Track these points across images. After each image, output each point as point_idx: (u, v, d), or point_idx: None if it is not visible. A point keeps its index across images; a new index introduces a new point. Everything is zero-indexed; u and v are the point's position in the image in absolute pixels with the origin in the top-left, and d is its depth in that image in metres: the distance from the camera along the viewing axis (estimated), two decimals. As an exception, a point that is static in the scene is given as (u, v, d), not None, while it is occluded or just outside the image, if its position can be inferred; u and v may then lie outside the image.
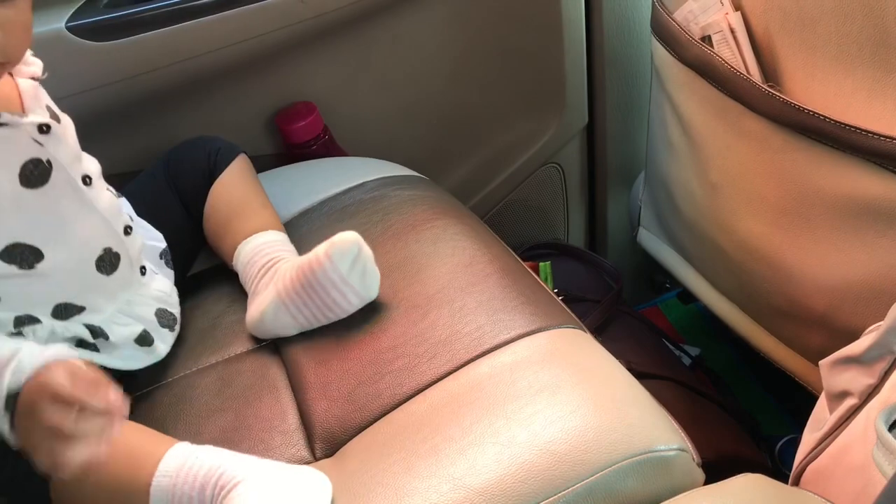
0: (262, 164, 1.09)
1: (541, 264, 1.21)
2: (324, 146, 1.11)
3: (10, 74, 0.77)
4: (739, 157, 0.92)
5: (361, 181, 1.02)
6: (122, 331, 0.83)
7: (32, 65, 0.79)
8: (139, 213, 0.92)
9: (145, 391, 0.85)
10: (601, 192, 1.33)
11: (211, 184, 0.95)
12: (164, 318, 0.88)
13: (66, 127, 0.80)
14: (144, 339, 0.85)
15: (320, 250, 0.83)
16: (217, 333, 0.88)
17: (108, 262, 0.82)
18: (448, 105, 1.21)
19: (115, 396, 0.64)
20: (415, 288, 0.85)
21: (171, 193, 0.96)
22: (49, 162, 0.76)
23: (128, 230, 0.85)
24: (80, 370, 0.65)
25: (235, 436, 0.77)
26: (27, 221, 0.76)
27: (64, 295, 0.79)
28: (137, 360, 0.85)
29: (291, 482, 0.67)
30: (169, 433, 0.75)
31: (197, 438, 0.75)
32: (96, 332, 0.81)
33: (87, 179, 0.80)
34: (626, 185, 1.30)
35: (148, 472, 0.69)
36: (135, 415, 0.82)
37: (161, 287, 0.89)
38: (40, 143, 0.75)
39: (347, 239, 0.82)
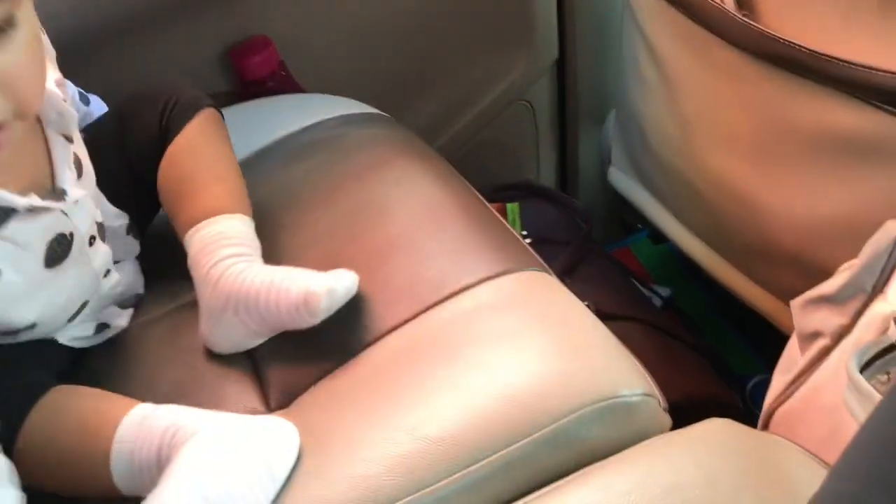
0: (216, 102, 1.04)
1: (508, 206, 1.18)
2: (280, 83, 1.07)
3: (39, 121, 0.69)
4: (712, 91, 0.89)
5: (320, 119, 0.98)
6: (75, 332, 0.79)
7: (60, 109, 0.70)
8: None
9: (103, 343, 0.82)
10: (572, 130, 1.30)
11: (164, 147, 0.81)
12: (126, 303, 0.83)
13: (87, 177, 0.74)
14: (104, 328, 0.81)
15: (299, 302, 0.70)
16: (168, 281, 0.84)
17: (78, 312, 0.77)
18: (412, 39, 1.17)
19: None
20: (376, 231, 0.82)
21: (120, 159, 0.83)
22: (71, 234, 0.70)
23: (107, 273, 0.78)
24: None
25: (187, 388, 0.74)
26: (41, 303, 0.71)
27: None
28: (97, 340, 0.81)
29: (254, 432, 0.64)
30: (119, 386, 0.73)
31: (151, 389, 0.73)
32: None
33: (92, 240, 0.74)
34: (597, 122, 1.27)
35: (106, 439, 0.66)
36: (86, 367, 0.79)
37: (127, 279, 0.82)
38: (66, 215, 0.69)
39: (334, 291, 0.71)
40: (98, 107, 0.88)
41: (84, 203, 0.72)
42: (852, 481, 0.34)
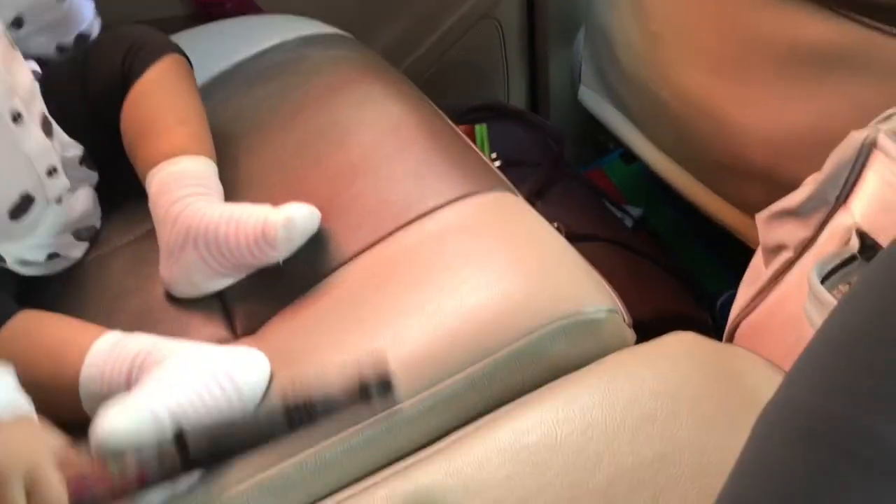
0: (172, 26, 1.00)
1: (477, 127, 1.16)
2: (239, 4, 1.04)
3: None
4: (681, 4, 0.88)
5: (280, 41, 0.95)
6: (25, 254, 0.77)
7: None
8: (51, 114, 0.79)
9: (59, 275, 0.81)
10: (542, 48, 1.27)
11: (127, 88, 0.80)
12: (81, 234, 0.81)
13: None
14: (55, 256, 0.79)
15: (257, 233, 0.69)
16: (127, 216, 0.83)
17: (21, 208, 0.74)
18: (374, -45, 1.13)
19: None
20: (338, 156, 0.81)
21: (82, 94, 0.82)
22: None
23: (52, 171, 0.75)
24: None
25: (151, 317, 0.73)
26: None
27: None
28: (47, 269, 0.79)
29: (225, 358, 0.64)
30: (84, 316, 0.72)
31: (112, 319, 0.72)
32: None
33: (17, 116, 0.71)
34: (568, 40, 1.24)
35: (75, 362, 0.66)
36: (51, 298, 0.78)
37: (82, 207, 0.81)
38: None
39: (291, 221, 0.70)
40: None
41: None
42: (804, 388, 0.34)
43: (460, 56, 1.25)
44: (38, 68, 0.83)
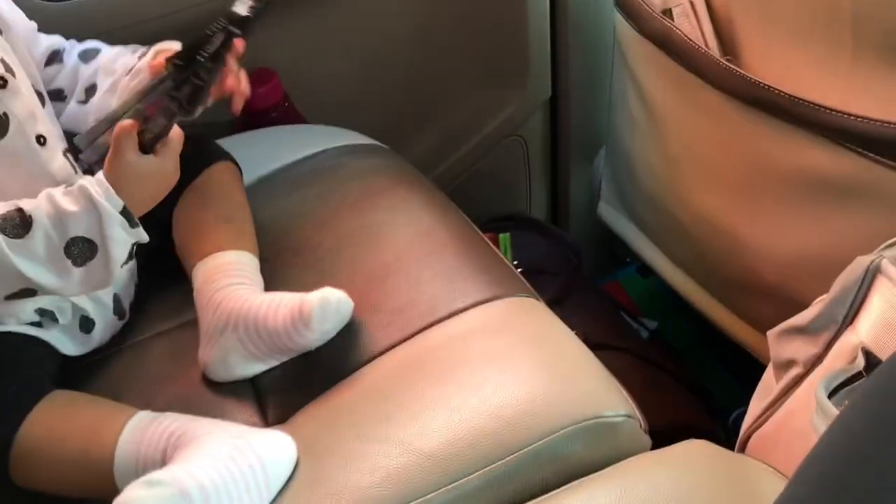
0: (221, 131, 1.07)
1: (500, 236, 1.21)
2: (284, 113, 1.10)
3: None
4: (697, 131, 0.93)
5: (321, 149, 1.01)
6: (69, 313, 0.81)
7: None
8: None
9: (97, 357, 0.84)
10: (564, 165, 1.33)
11: (180, 189, 0.84)
12: (119, 306, 0.85)
13: (21, 81, 0.78)
14: (86, 322, 0.82)
15: (294, 312, 0.75)
16: (171, 299, 0.87)
17: None
18: (410, 74, 1.21)
19: None
20: (372, 257, 0.85)
21: None
22: (6, 115, 0.74)
23: None
24: None
25: (188, 403, 0.76)
26: None
27: None
28: (72, 347, 0.82)
29: (254, 441, 0.67)
30: (122, 400, 0.75)
31: (150, 405, 0.75)
32: (45, 312, 0.79)
33: (41, 139, 0.78)
34: (588, 158, 1.30)
35: (111, 441, 0.68)
36: (88, 382, 0.81)
37: (122, 276, 0.85)
38: None
39: (326, 300, 0.75)
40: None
41: (16, 91, 0.76)
42: (805, 486, 0.37)
43: (486, 169, 1.30)
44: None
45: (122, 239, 0.74)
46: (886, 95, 0.73)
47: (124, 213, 0.73)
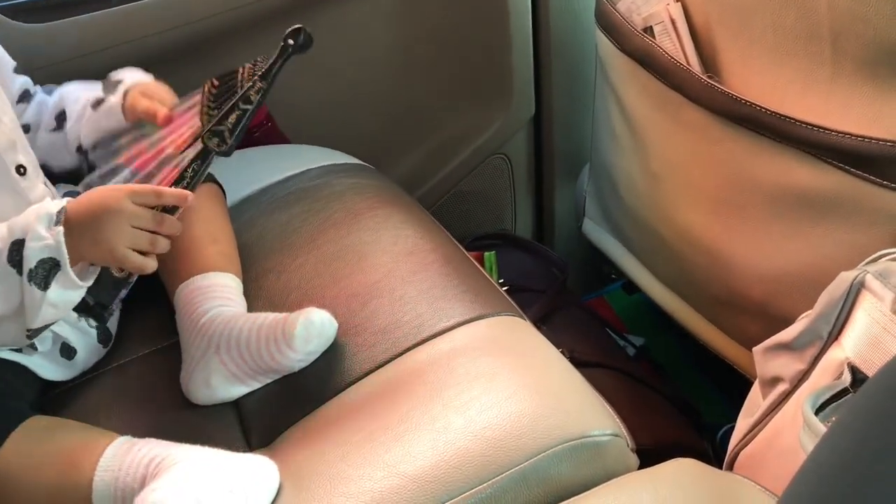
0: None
1: (486, 254, 1.21)
2: (266, 133, 1.10)
3: None
4: (679, 148, 0.93)
5: (304, 168, 1.01)
6: (49, 341, 0.79)
7: None
8: None
9: (79, 381, 0.83)
10: (548, 182, 1.34)
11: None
12: (104, 334, 0.85)
13: (4, 112, 0.78)
14: (67, 350, 0.81)
15: (277, 333, 0.74)
16: (152, 321, 0.86)
17: None
18: (394, 94, 1.21)
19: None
20: (356, 277, 0.85)
21: None
22: None
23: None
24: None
25: (170, 427, 0.75)
26: None
27: None
28: (54, 372, 0.81)
29: (236, 466, 0.66)
30: (102, 424, 0.74)
31: (131, 430, 0.74)
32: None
33: (21, 169, 0.78)
34: (572, 175, 1.31)
35: (89, 467, 0.67)
36: (68, 406, 0.80)
37: None
38: None
39: (309, 320, 0.75)
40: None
41: None
42: (795, 505, 0.37)
43: (471, 187, 1.31)
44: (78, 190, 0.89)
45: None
46: (867, 111, 0.73)
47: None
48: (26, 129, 0.88)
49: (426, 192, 1.28)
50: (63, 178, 0.90)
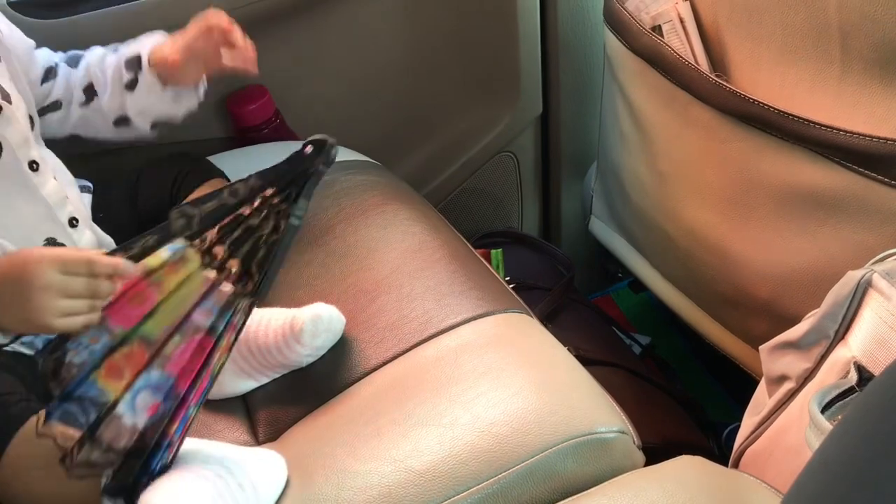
0: (212, 147, 1.07)
1: (493, 251, 1.21)
2: (275, 130, 1.10)
3: None
4: (687, 146, 0.93)
5: (312, 166, 1.01)
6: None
7: None
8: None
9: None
10: (555, 181, 1.34)
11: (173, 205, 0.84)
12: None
13: (17, 108, 0.78)
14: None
15: (285, 328, 0.74)
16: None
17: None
18: (402, 92, 1.21)
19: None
20: (363, 273, 0.85)
21: (131, 210, 0.90)
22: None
23: (73, 222, 0.81)
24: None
25: (178, 420, 0.76)
26: None
27: None
28: None
29: (245, 459, 0.66)
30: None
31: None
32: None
33: (33, 165, 0.78)
34: (579, 174, 1.31)
35: None
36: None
37: None
38: None
39: (318, 316, 0.75)
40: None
41: (10, 118, 0.76)
42: (801, 503, 0.37)
43: (478, 185, 1.31)
44: (89, 184, 0.89)
45: None
46: (875, 110, 0.73)
47: None
48: (57, 105, 0.89)
49: (434, 189, 1.28)
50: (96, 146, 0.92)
